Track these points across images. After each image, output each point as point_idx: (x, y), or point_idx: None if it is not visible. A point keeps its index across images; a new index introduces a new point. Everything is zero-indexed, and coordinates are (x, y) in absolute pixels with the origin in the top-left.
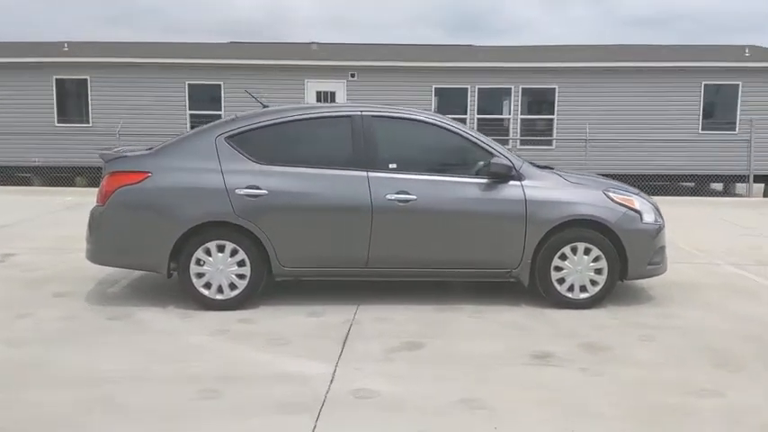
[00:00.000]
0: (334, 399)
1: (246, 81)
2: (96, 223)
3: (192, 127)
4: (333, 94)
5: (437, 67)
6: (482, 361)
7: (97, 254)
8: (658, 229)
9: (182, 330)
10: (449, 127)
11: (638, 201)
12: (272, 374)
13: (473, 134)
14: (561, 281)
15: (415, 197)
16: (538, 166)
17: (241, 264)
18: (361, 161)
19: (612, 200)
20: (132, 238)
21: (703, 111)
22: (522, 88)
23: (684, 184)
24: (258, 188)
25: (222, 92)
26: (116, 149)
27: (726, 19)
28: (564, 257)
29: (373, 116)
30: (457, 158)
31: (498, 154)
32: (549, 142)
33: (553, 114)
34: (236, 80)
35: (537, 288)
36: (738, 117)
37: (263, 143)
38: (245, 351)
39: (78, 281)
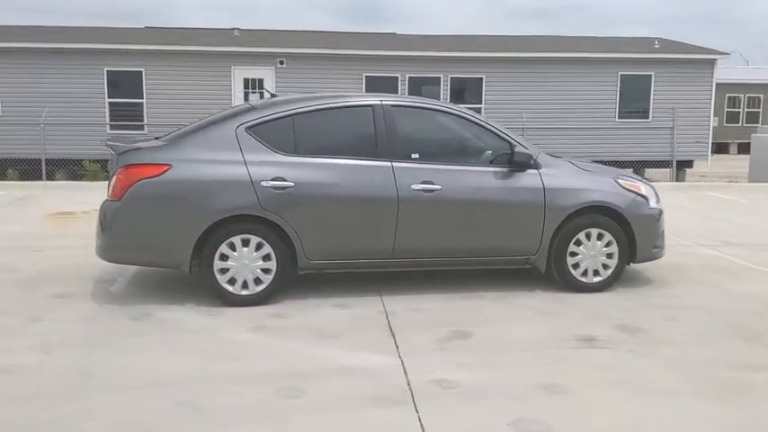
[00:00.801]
0: (420, 390)
1: (170, 67)
2: (111, 219)
3: (112, 115)
4: (261, 81)
5: (368, 55)
6: (534, 346)
7: (111, 251)
8: (660, 214)
9: (217, 328)
10: (467, 116)
11: (643, 187)
12: (341, 368)
13: (490, 123)
14: (576, 266)
15: (439, 187)
16: (550, 155)
17: (266, 258)
18: (384, 151)
19: (622, 186)
20: (152, 234)
21: (620, 100)
22: (451, 78)
23: None
24: (284, 180)
25: (144, 79)
26: (129, 141)
27: (605, 12)
28: (578, 243)
29: (393, 105)
30: (475, 148)
31: (516, 143)
32: None
33: (481, 103)
34: (159, 67)
35: (552, 273)
36: (651, 106)
37: (286, 134)
38: (299, 346)
39: (71, 280)
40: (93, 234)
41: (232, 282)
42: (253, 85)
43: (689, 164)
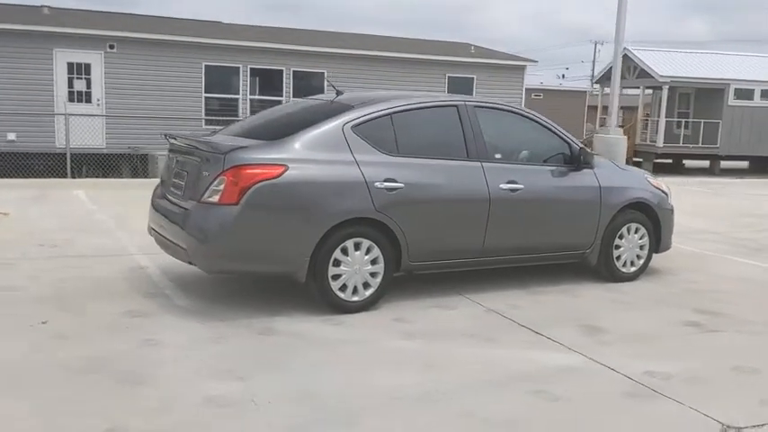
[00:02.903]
0: (652, 383)
1: None
2: (225, 225)
3: None
4: (88, 66)
5: (209, 44)
6: (672, 332)
7: (219, 260)
8: (673, 208)
9: (364, 337)
10: (534, 117)
11: (663, 184)
12: (553, 368)
13: (553, 124)
14: (618, 258)
15: (522, 186)
16: (595, 155)
17: (374, 261)
18: (473, 151)
19: (652, 184)
20: (270, 240)
21: None
22: (294, 71)
23: None
24: (395, 181)
25: None
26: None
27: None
28: (621, 237)
29: (475, 106)
30: (543, 148)
31: (575, 143)
32: None
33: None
34: None
35: (601, 266)
36: None
37: (386, 133)
38: (471, 350)
39: (115, 295)
40: (29, 241)
41: (343, 288)
42: (79, 71)
43: None
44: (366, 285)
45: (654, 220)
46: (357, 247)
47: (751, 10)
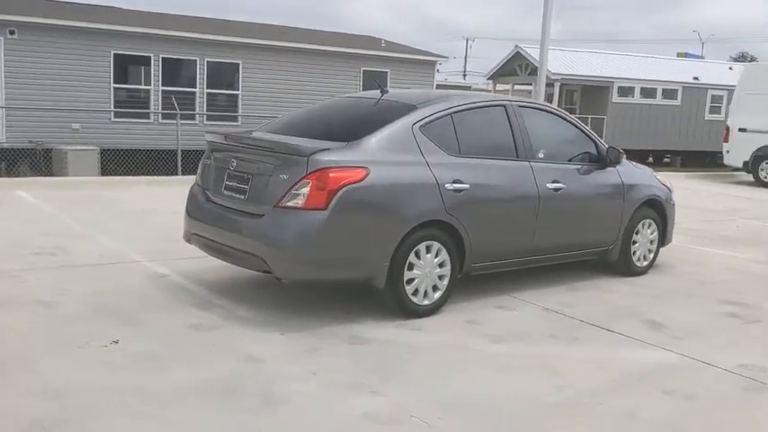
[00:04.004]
0: (762, 377)
1: None
2: (310, 232)
3: None
4: None
5: (118, 31)
6: (721, 324)
7: (302, 268)
8: (674, 203)
9: (451, 342)
10: (566, 117)
11: (667, 180)
12: (659, 365)
13: (581, 123)
14: (634, 253)
15: (564, 185)
16: None
17: (442, 264)
18: (521, 151)
19: (660, 181)
20: (352, 246)
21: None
22: (208, 61)
23: None
24: (462, 182)
25: None
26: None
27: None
28: (637, 233)
29: (519, 106)
30: (574, 146)
31: (601, 142)
32: (234, 118)
33: (238, 90)
34: None
35: (619, 262)
36: None
37: (448, 133)
38: (574, 350)
39: (164, 308)
40: (18, 250)
41: (415, 292)
42: None
43: None
44: (435, 288)
45: (662, 216)
46: (428, 250)
47: (599, 10)
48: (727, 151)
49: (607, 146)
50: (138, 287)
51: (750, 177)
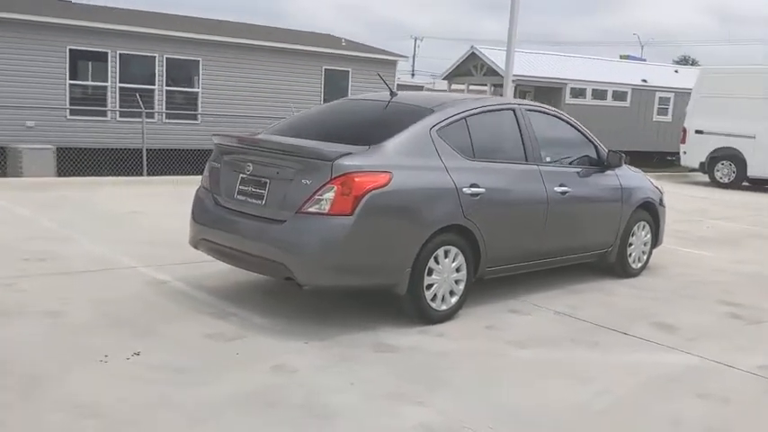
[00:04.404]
0: None
1: None
2: (336, 238)
3: None
4: None
5: (75, 25)
6: (728, 325)
7: (326, 274)
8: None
9: (478, 349)
10: (569, 120)
11: (658, 183)
12: (684, 368)
13: (582, 127)
14: (630, 255)
15: (571, 189)
16: None
17: (459, 269)
18: (530, 155)
19: (652, 183)
20: (377, 253)
21: (324, 92)
22: (167, 58)
23: None
24: (478, 186)
25: None
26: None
27: None
28: (633, 234)
29: (527, 109)
30: (576, 150)
31: (601, 146)
32: (194, 117)
33: (198, 87)
34: None
35: (616, 264)
36: None
37: (463, 136)
38: (598, 355)
39: (176, 316)
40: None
41: (434, 298)
42: None
43: None
44: (452, 294)
45: (655, 218)
46: (446, 254)
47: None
48: (684, 152)
49: (608, 150)
50: (141, 295)
51: (705, 178)
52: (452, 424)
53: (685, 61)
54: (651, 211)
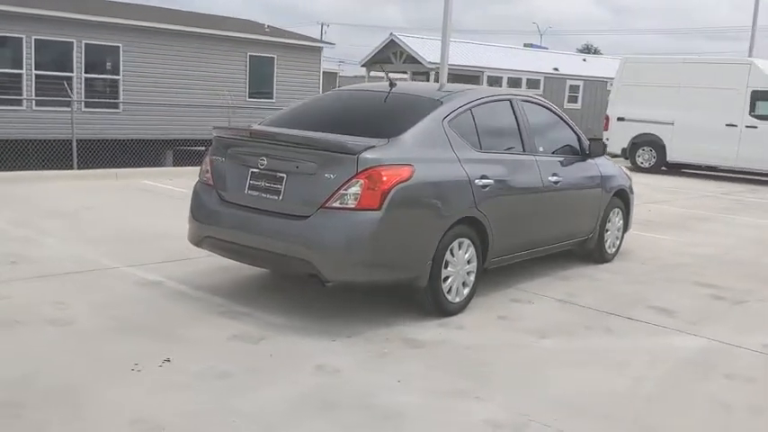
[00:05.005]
0: None
1: None
2: (365, 233)
3: None
4: None
5: None
6: (715, 307)
7: (354, 270)
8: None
9: (504, 340)
10: (555, 110)
11: (626, 170)
12: (698, 350)
13: (566, 117)
14: (606, 241)
15: (561, 178)
16: None
17: (470, 261)
18: (527, 145)
19: (623, 170)
20: (401, 246)
21: (250, 79)
22: (86, 44)
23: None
24: (487, 177)
25: None
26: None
27: None
28: (609, 221)
29: (522, 100)
30: (561, 139)
31: (582, 135)
32: (115, 105)
33: (119, 74)
34: None
35: (595, 250)
36: (275, 87)
37: (469, 127)
38: (617, 341)
39: (188, 318)
40: None
41: (449, 290)
42: None
43: None
44: (464, 285)
45: (626, 204)
46: (459, 246)
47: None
48: (607, 139)
49: (590, 139)
50: (139, 297)
51: (627, 163)
52: (517, 418)
53: (588, 50)
54: (623, 198)
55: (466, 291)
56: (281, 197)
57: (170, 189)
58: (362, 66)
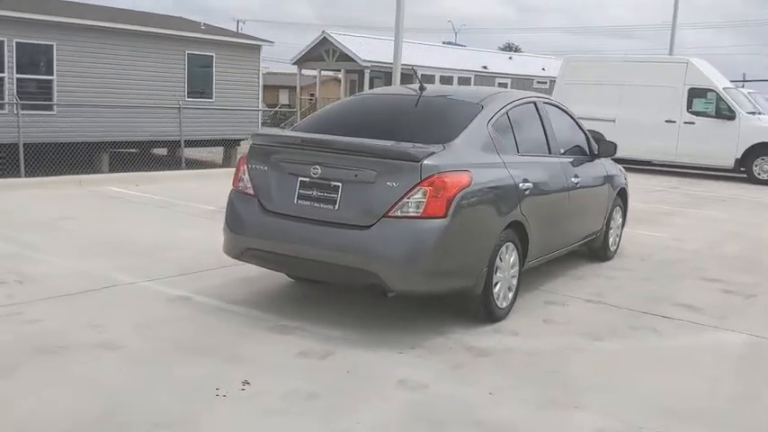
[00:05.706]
0: None
1: None
2: (432, 242)
3: None
4: None
5: None
6: (730, 302)
7: (420, 280)
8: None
9: (562, 345)
10: (568, 111)
11: (622, 168)
12: (743, 346)
13: (577, 118)
14: (608, 238)
15: (580, 178)
16: None
17: (513, 265)
18: (552, 147)
19: (620, 169)
20: (463, 254)
21: (188, 79)
22: (17, 42)
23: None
24: (528, 181)
25: None
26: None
27: None
28: (612, 219)
29: (545, 102)
30: (574, 140)
31: (590, 136)
32: (49, 107)
33: (53, 75)
34: None
35: (600, 248)
36: (214, 86)
37: (507, 131)
38: (671, 342)
39: (239, 336)
40: None
41: (497, 296)
42: None
43: (238, 142)
44: (510, 289)
45: (625, 202)
46: (506, 251)
47: None
48: None
49: (600, 140)
50: (177, 315)
51: None
52: (628, 427)
53: (509, 48)
54: (623, 197)
55: (510, 295)
56: (336, 206)
57: (139, 195)
58: (294, 63)
